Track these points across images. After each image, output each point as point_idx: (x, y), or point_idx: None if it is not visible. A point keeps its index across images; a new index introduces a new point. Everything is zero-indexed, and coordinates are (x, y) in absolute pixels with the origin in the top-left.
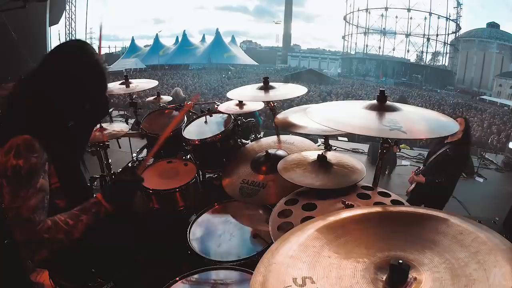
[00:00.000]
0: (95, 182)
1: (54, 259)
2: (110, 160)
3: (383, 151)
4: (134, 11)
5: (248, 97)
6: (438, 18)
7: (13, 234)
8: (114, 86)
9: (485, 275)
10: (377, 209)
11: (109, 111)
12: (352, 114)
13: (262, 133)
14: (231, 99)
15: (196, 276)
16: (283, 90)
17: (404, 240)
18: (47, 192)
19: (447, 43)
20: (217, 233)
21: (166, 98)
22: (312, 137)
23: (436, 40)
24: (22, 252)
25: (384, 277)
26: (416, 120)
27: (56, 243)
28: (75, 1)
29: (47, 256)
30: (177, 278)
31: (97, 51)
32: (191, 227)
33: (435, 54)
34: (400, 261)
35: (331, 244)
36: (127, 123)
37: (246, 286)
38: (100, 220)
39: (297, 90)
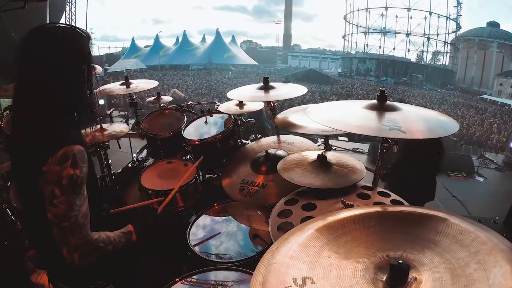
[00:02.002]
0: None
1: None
2: (110, 161)
3: (383, 151)
4: (133, 12)
5: (248, 97)
6: (438, 17)
7: (62, 240)
8: (115, 87)
9: (485, 275)
10: (377, 209)
11: (109, 111)
12: (352, 114)
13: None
14: (231, 99)
15: (195, 276)
16: (283, 90)
17: (404, 240)
18: (88, 198)
19: (447, 43)
20: (217, 233)
21: (167, 98)
22: (313, 137)
23: (437, 40)
24: (69, 257)
25: (384, 277)
26: (416, 120)
27: (104, 253)
28: (75, 2)
29: (91, 262)
30: (177, 279)
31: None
32: (190, 228)
33: (436, 54)
34: (400, 261)
35: (331, 244)
36: (127, 124)
37: (246, 286)
38: (126, 247)
39: (297, 90)
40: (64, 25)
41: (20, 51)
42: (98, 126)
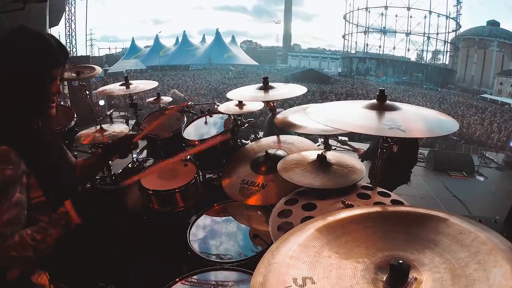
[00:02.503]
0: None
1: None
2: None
3: (382, 151)
4: (133, 12)
5: (248, 97)
6: (438, 16)
7: None
8: (115, 87)
9: (485, 275)
10: (377, 209)
11: (109, 112)
12: (352, 114)
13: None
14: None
15: (196, 276)
16: (283, 90)
17: (404, 240)
18: (24, 207)
19: (447, 42)
20: (217, 233)
21: (166, 99)
22: (313, 137)
23: (437, 39)
24: None
25: (384, 277)
26: (416, 119)
27: (25, 261)
28: (75, 3)
29: (19, 276)
30: (177, 279)
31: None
32: (191, 228)
33: (436, 53)
34: (400, 261)
35: (331, 244)
36: (127, 124)
37: (245, 286)
38: (71, 232)
39: (296, 89)
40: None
41: None
42: (98, 127)
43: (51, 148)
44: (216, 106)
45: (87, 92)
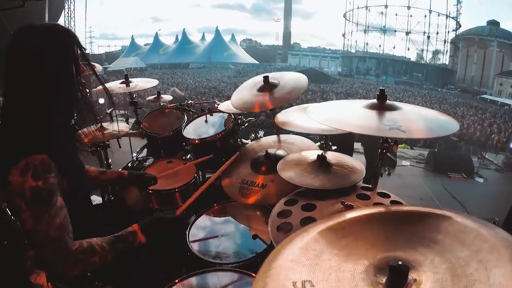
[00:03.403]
0: None
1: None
2: (110, 160)
3: (382, 151)
4: (131, 10)
5: (252, 104)
6: (438, 15)
7: (41, 255)
8: (115, 85)
9: (485, 275)
10: (377, 209)
11: (109, 110)
12: (352, 113)
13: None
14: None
15: (195, 277)
16: (286, 87)
17: (405, 240)
18: (65, 208)
19: (447, 41)
20: (216, 234)
21: (167, 97)
22: (313, 137)
23: (436, 38)
24: (51, 270)
25: (384, 279)
26: (416, 119)
27: (90, 265)
28: (74, 0)
29: (77, 274)
30: (176, 280)
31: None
32: (190, 228)
33: (436, 53)
34: (400, 262)
35: (331, 246)
36: (127, 123)
37: (245, 287)
38: (132, 249)
39: (299, 81)
40: (47, 23)
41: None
42: (99, 125)
43: (76, 149)
44: (216, 105)
45: (87, 90)
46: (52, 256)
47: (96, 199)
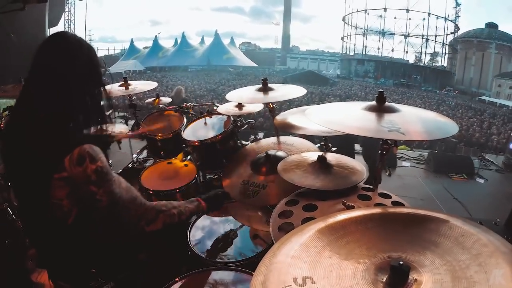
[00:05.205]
0: None
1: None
2: (110, 161)
3: (382, 152)
4: (130, 13)
5: (247, 99)
6: (437, 18)
7: (128, 220)
8: (113, 88)
9: (485, 277)
10: (378, 210)
11: (108, 113)
12: (351, 115)
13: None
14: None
15: (196, 276)
16: (282, 91)
17: (405, 241)
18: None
19: (445, 44)
20: (217, 233)
21: (166, 99)
22: (313, 138)
23: (435, 41)
24: (140, 230)
25: (385, 278)
26: (415, 121)
27: (169, 217)
28: (74, 3)
29: (159, 228)
30: (177, 279)
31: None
32: (191, 228)
33: (434, 55)
34: (401, 262)
35: (332, 244)
36: (127, 124)
37: (246, 286)
38: (198, 212)
39: (296, 90)
40: (72, 34)
41: (36, 55)
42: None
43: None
44: (215, 107)
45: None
46: (135, 215)
47: None
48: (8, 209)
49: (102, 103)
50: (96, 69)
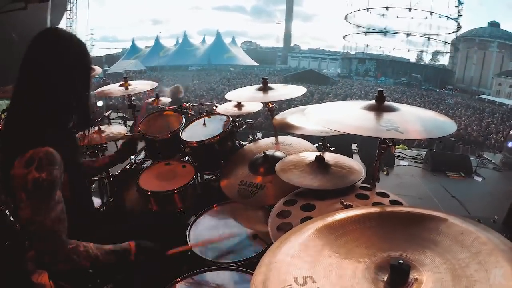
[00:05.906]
0: (94, 185)
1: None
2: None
3: (380, 152)
4: (131, 12)
5: (246, 98)
6: (439, 17)
7: (34, 245)
8: (113, 88)
9: (486, 276)
10: (377, 209)
11: (107, 113)
12: (350, 115)
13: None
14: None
15: (196, 276)
16: (282, 91)
17: (405, 240)
18: (62, 202)
19: (447, 42)
20: (216, 234)
21: (165, 100)
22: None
23: (437, 40)
24: (40, 261)
25: (385, 277)
26: (413, 120)
27: (78, 267)
28: (76, 2)
29: (65, 271)
30: (178, 279)
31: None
32: (190, 229)
33: (436, 54)
34: (401, 261)
35: (332, 244)
36: (125, 125)
37: (245, 286)
38: (120, 264)
39: (295, 90)
40: (65, 31)
41: (27, 50)
42: (96, 128)
43: (78, 145)
44: (214, 107)
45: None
46: (44, 248)
47: (95, 201)
48: (7, 211)
49: (88, 107)
50: (85, 70)
